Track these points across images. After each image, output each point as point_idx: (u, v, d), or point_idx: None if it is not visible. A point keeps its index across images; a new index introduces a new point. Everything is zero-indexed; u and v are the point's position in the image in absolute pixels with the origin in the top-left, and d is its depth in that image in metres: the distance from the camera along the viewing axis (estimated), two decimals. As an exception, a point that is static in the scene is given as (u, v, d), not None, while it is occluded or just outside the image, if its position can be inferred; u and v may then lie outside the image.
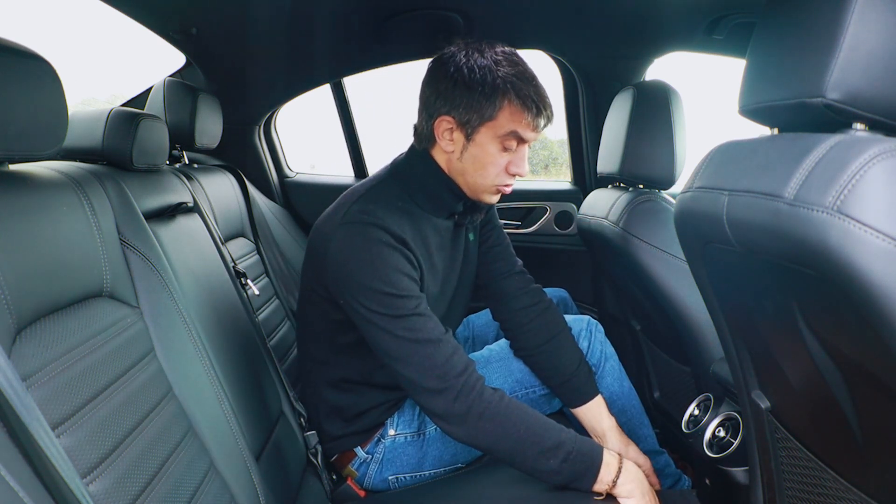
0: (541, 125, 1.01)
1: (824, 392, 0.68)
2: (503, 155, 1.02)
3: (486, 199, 1.08)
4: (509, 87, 0.97)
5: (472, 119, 0.99)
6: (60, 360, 0.64)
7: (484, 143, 1.01)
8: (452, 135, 1.03)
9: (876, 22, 0.57)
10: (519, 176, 1.06)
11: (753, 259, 0.68)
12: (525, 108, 0.98)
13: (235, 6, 1.38)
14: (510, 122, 0.99)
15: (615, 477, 0.91)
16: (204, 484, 0.80)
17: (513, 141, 1.01)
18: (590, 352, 1.13)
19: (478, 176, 1.04)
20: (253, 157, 2.02)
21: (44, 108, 0.68)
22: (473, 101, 0.98)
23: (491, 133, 1.00)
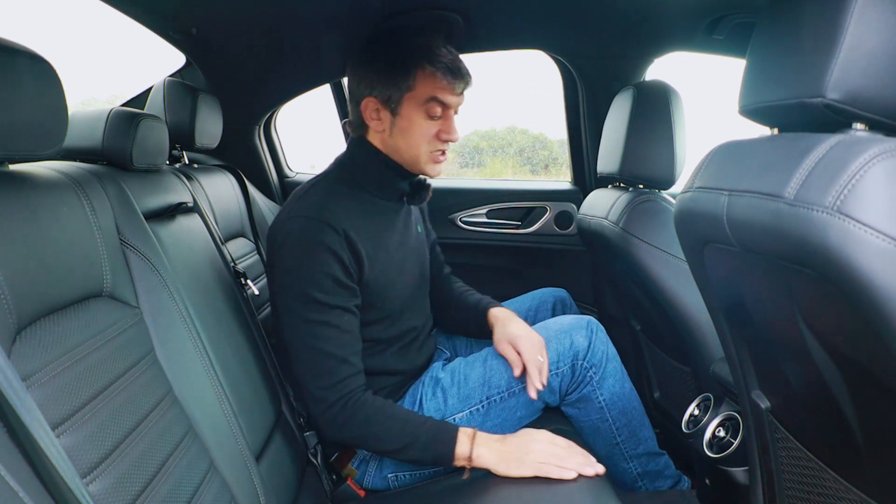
0: (459, 88, 1.08)
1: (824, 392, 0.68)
2: (430, 123, 1.08)
3: (428, 171, 1.13)
4: (422, 56, 1.05)
5: (392, 94, 1.07)
6: (60, 360, 0.64)
7: (409, 115, 1.07)
8: (379, 114, 1.09)
9: (876, 22, 0.57)
10: (451, 141, 1.12)
11: (753, 259, 0.68)
12: (440, 72, 1.05)
13: (235, 6, 1.38)
14: (428, 88, 1.05)
15: (469, 453, 1.00)
16: (204, 484, 0.80)
17: (436, 107, 1.07)
18: (590, 351, 1.13)
19: (411, 148, 1.10)
20: (253, 157, 2.01)
21: (44, 108, 0.68)
22: (390, 76, 1.06)
23: (413, 103, 1.07)
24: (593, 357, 1.13)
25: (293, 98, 1.94)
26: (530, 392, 1.09)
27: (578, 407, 1.17)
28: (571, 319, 1.18)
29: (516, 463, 0.98)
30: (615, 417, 1.17)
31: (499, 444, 1.01)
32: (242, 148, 1.97)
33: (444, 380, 1.16)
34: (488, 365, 1.16)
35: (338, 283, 1.03)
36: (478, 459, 1.00)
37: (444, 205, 1.97)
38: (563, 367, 1.13)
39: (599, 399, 1.15)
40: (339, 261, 1.03)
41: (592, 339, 1.13)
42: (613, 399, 1.16)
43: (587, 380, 1.14)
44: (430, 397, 1.15)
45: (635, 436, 1.21)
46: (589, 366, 1.13)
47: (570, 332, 1.14)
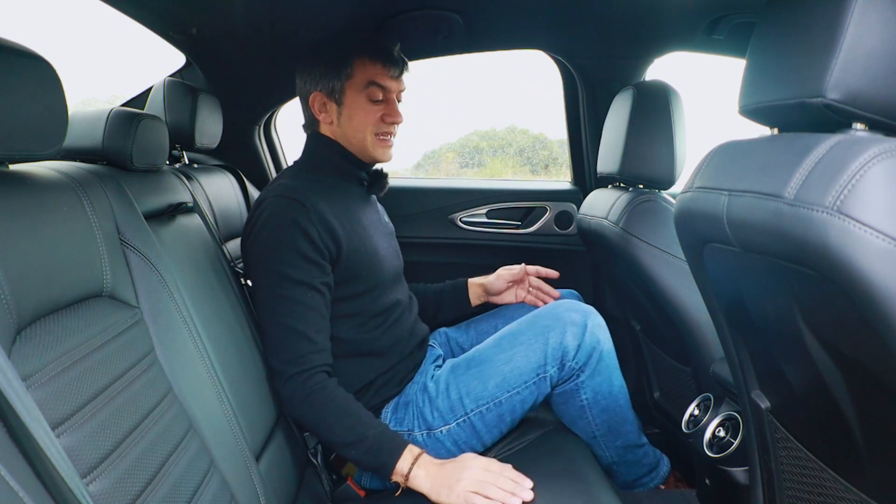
0: (395, 71, 1.16)
1: (824, 392, 0.68)
2: (373, 107, 1.17)
3: (377, 155, 1.21)
4: (356, 44, 1.15)
5: (335, 85, 1.16)
6: (60, 360, 0.64)
7: (352, 102, 1.16)
8: (326, 106, 1.18)
9: (876, 22, 0.57)
10: (396, 123, 1.19)
11: (753, 259, 0.68)
12: (375, 57, 1.14)
13: (235, 6, 1.38)
14: (366, 74, 1.15)
15: (408, 471, 1.01)
16: (204, 484, 0.80)
17: (376, 91, 1.16)
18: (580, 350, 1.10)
19: (358, 132, 1.18)
20: (253, 157, 2.01)
21: (44, 108, 0.68)
22: (330, 68, 1.15)
23: (354, 90, 1.15)
24: (582, 356, 1.11)
25: (293, 98, 1.94)
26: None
27: (561, 399, 1.17)
28: (566, 310, 1.15)
29: (446, 490, 0.98)
30: (595, 415, 1.17)
31: (435, 469, 1.01)
32: (242, 148, 1.97)
33: (431, 389, 1.16)
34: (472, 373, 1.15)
35: (306, 258, 1.07)
36: (413, 480, 1.01)
37: (444, 205, 1.97)
38: (550, 370, 1.11)
39: (582, 397, 1.15)
40: (307, 237, 1.07)
41: (584, 336, 1.11)
42: (596, 398, 1.15)
43: (573, 377, 1.13)
44: (419, 404, 1.16)
45: (614, 430, 1.20)
46: (577, 365, 1.12)
47: (560, 327, 1.12)
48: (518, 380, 1.11)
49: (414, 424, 1.14)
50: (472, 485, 0.96)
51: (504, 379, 1.11)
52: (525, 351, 1.12)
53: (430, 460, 1.03)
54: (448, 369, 1.18)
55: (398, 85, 1.19)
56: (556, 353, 1.11)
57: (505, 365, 1.12)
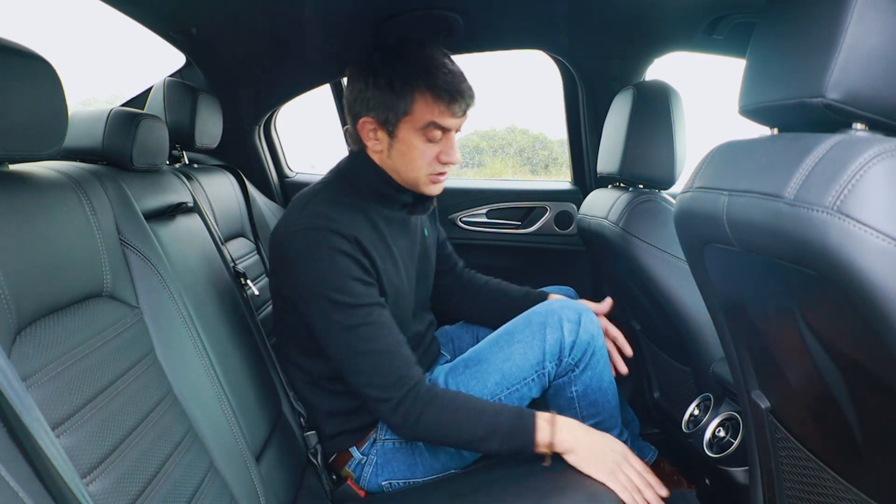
0: (459, 111, 1.03)
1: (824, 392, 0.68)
2: (430, 146, 1.05)
3: (427, 191, 1.11)
4: (418, 79, 1.00)
5: (389, 117, 1.02)
6: (60, 360, 0.64)
7: (407, 139, 1.04)
8: (377, 134, 1.06)
9: (876, 22, 0.57)
10: (451, 164, 1.08)
11: (753, 259, 0.68)
12: (437, 97, 1.00)
13: (235, 6, 1.38)
14: (426, 113, 1.01)
15: (550, 439, 0.97)
16: (204, 484, 0.80)
17: (435, 131, 1.03)
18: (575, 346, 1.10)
19: (409, 171, 1.07)
20: (253, 157, 2.01)
21: (44, 108, 0.68)
22: (386, 98, 1.01)
23: (411, 127, 1.02)
24: (577, 352, 1.11)
25: (293, 98, 1.94)
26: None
27: (552, 391, 1.16)
28: (560, 306, 1.14)
29: (595, 459, 0.96)
30: (583, 407, 1.16)
31: (582, 434, 0.98)
32: (242, 148, 1.97)
33: None
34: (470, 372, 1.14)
35: (361, 282, 1.01)
36: (559, 445, 0.97)
37: (445, 205, 1.97)
38: (549, 366, 1.11)
39: (572, 389, 1.14)
40: (356, 261, 1.01)
41: (579, 331, 1.11)
42: (586, 392, 1.15)
43: (568, 372, 1.13)
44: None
45: (602, 426, 1.19)
46: (573, 361, 1.12)
47: (556, 324, 1.12)
48: (517, 377, 1.11)
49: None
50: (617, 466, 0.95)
51: (503, 376, 1.11)
52: (523, 349, 1.12)
53: (569, 420, 1.00)
54: (446, 370, 1.17)
55: (461, 122, 1.05)
56: (554, 349, 1.11)
57: (504, 363, 1.12)
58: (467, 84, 1.03)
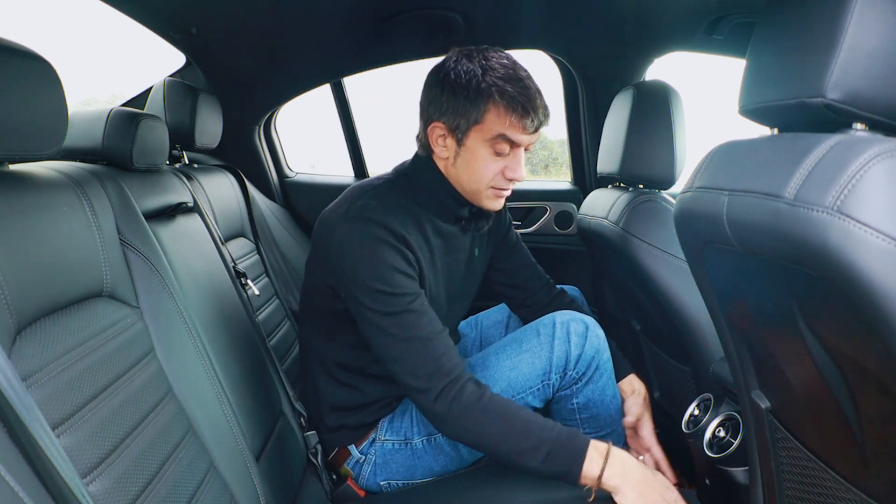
0: (530, 127, 1.00)
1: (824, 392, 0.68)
2: (496, 159, 1.02)
3: (487, 205, 1.09)
4: (493, 90, 0.97)
5: (460, 124, 1.01)
6: (60, 360, 0.64)
7: (475, 148, 1.02)
8: (445, 141, 1.04)
9: (876, 22, 0.57)
10: (516, 181, 1.06)
11: (753, 259, 0.68)
12: (510, 109, 0.98)
13: (235, 6, 1.38)
14: (497, 124, 0.99)
15: (600, 472, 0.90)
16: (204, 484, 0.80)
17: (504, 144, 1.01)
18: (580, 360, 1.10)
19: (473, 181, 1.05)
20: (253, 157, 2.01)
21: (44, 108, 0.68)
22: (460, 105, 0.99)
23: (480, 137, 1.01)
24: (581, 365, 1.12)
25: (293, 98, 1.94)
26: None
27: (553, 400, 1.17)
28: (568, 319, 1.15)
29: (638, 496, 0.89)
30: (583, 420, 1.17)
31: (633, 470, 0.92)
32: (242, 148, 1.97)
33: None
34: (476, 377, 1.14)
35: (404, 274, 1.00)
36: (608, 481, 0.90)
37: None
38: (553, 378, 1.11)
39: (573, 402, 1.15)
40: (401, 254, 1.00)
41: (585, 345, 1.11)
42: (587, 405, 1.15)
43: (572, 385, 1.14)
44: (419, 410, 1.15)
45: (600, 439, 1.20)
46: (577, 374, 1.12)
47: (564, 336, 1.12)
48: (523, 385, 1.11)
49: (413, 432, 1.13)
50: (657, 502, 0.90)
51: (509, 384, 1.11)
52: (531, 358, 1.12)
53: (622, 454, 0.93)
54: None
55: (531, 139, 1.03)
56: (560, 361, 1.11)
57: (510, 371, 1.12)
58: (542, 101, 1.01)
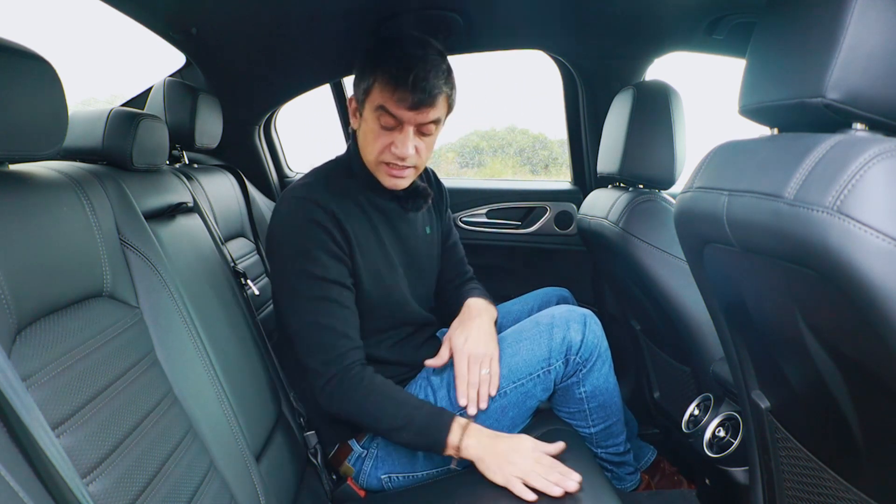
0: (407, 101, 1.00)
1: (824, 392, 0.68)
2: (383, 133, 1.05)
3: (385, 182, 1.11)
4: (378, 61, 1.02)
5: (359, 95, 1.07)
6: (60, 360, 0.64)
7: (368, 119, 1.06)
8: (356, 113, 1.11)
9: (876, 22, 0.57)
10: (400, 158, 1.06)
11: (753, 259, 0.68)
12: (388, 81, 1.00)
13: (235, 6, 1.38)
14: (380, 96, 1.02)
15: (458, 443, 1.00)
16: (204, 484, 0.80)
17: (387, 118, 1.03)
18: (583, 345, 1.12)
19: (366, 154, 1.10)
20: (253, 157, 2.01)
21: (44, 108, 0.68)
22: (359, 77, 1.07)
23: (370, 108, 1.05)
24: (585, 351, 1.12)
25: (293, 98, 1.94)
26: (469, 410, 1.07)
27: (560, 392, 1.17)
28: (565, 311, 1.16)
29: (494, 466, 0.98)
30: (592, 410, 1.18)
31: (488, 441, 1.00)
32: (242, 148, 1.97)
33: (434, 381, 1.16)
34: None
35: (332, 255, 1.05)
36: (465, 451, 1.00)
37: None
38: (555, 363, 1.12)
39: (581, 390, 1.16)
40: (330, 236, 1.05)
41: (586, 332, 1.13)
42: (594, 392, 1.16)
43: (576, 372, 1.14)
44: (422, 398, 1.15)
45: (608, 431, 1.21)
46: (581, 360, 1.13)
47: (563, 324, 1.13)
48: (524, 371, 1.12)
49: None
50: (520, 472, 0.95)
51: (510, 370, 1.12)
52: (530, 345, 1.13)
53: (480, 429, 1.02)
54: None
55: (416, 117, 1.02)
56: (561, 347, 1.12)
57: (511, 358, 1.13)
58: (423, 79, 1.00)
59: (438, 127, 1.09)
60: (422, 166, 1.12)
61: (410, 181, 1.13)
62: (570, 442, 1.12)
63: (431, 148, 1.11)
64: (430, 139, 1.09)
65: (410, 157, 1.06)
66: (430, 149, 1.11)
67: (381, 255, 1.15)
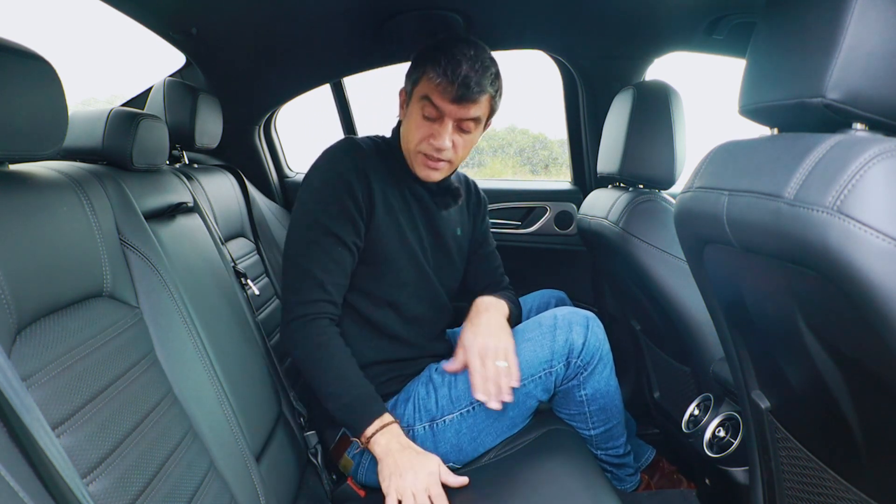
0: (451, 93, 1.05)
1: (824, 392, 0.68)
2: (425, 123, 1.10)
3: (419, 173, 1.15)
4: (429, 55, 1.07)
5: (408, 86, 1.13)
6: (60, 360, 0.64)
7: (412, 110, 1.12)
8: (404, 104, 1.16)
9: (876, 22, 0.57)
10: (436, 149, 1.10)
11: (753, 259, 0.68)
12: (435, 73, 1.05)
13: (235, 6, 1.38)
14: (425, 87, 1.08)
15: (370, 437, 1.03)
16: (204, 484, 0.80)
17: (430, 108, 1.08)
18: (585, 348, 1.12)
19: (406, 141, 1.14)
20: (253, 157, 2.01)
21: (44, 108, 0.68)
22: (412, 69, 1.12)
23: (416, 97, 1.10)
24: (587, 354, 1.12)
25: (293, 98, 1.94)
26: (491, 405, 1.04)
27: (561, 395, 1.17)
28: (568, 313, 1.16)
29: (388, 471, 1.00)
30: (592, 412, 1.18)
31: (396, 447, 1.01)
32: (242, 148, 1.97)
33: (436, 379, 1.16)
34: None
35: (345, 213, 1.09)
36: (372, 446, 1.03)
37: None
38: (557, 366, 1.12)
39: (581, 393, 1.16)
40: (351, 193, 1.09)
41: (588, 335, 1.12)
42: (595, 395, 1.16)
43: (577, 375, 1.14)
44: (423, 396, 1.15)
45: (608, 433, 1.22)
46: (582, 363, 1.13)
47: (566, 326, 1.13)
48: (525, 372, 1.12)
49: (415, 418, 1.14)
50: (403, 489, 0.97)
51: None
52: (532, 346, 1.13)
53: (397, 435, 1.04)
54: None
55: (457, 111, 1.06)
56: (563, 349, 1.12)
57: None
58: (469, 76, 1.04)
59: (478, 126, 1.12)
60: (457, 162, 1.16)
61: (444, 175, 1.17)
62: (571, 442, 1.13)
63: (469, 146, 1.14)
64: (469, 137, 1.12)
65: (447, 149, 1.10)
66: (468, 147, 1.14)
67: (409, 222, 1.18)
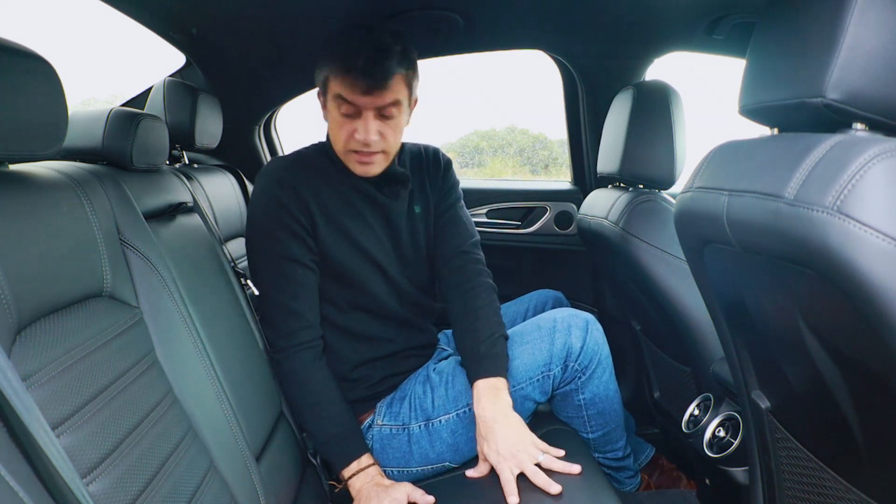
0: (362, 87, 1.00)
1: (824, 392, 0.68)
2: (345, 121, 1.06)
3: (355, 170, 1.12)
4: (328, 52, 1.04)
5: (321, 88, 1.10)
6: (60, 360, 0.64)
7: (330, 108, 1.08)
8: (324, 106, 1.12)
9: (876, 22, 0.57)
10: (364, 144, 1.05)
11: (753, 259, 0.68)
12: (338, 68, 1.02)
13: (235, 6, 1.38)
14: (334, 86, 1.04)
15: (347, 478, 1.07)
16: (204, 484, 0.80)
17: (346, 105, 1.04)
18: (583, 352, 1.11)
19: (334, 143, 1.12)
20: (253, 157, 2.01)
21: (44, 108, 0.68)
22: (318, 70, 1.09)
23: (330, 97, 1.07)
24: (585, 358, 1.12)
25: (293, 98, 1.94)
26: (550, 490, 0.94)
27: (560, 397, 1.17)
28: (568, 315, 1.15)
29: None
30: (591, 416, 1.18)
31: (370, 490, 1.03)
32: (242, 148, 1.97)
33: (434, 379, 1.16)
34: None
35: (291, 233, 1.09)
36: (349, 486, 1.07)
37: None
38: (554, 369, 1.12)
39: (580, 397, 1.15)
40: (289, 213, 1.09)
41: (587, 339, 1.12)
42: (594, 400, 1.15)
43: (575, 379, 1.14)
44: (420, 394, 1.15)
45: (607, 437, 1.22)
46: (580, 367, 1.12)
47: (565, 329, 1.12)
48: (523, 375, 1.12)
49: (410, 417, 1.14)
50: None
51: (510, 374, 1.12)
52: (531, 349, 1.13)
53: (373, 478, 1.05)
54: (454, 362, 1.18)
55: (372, 101, 1.02)
56: (562, 353, 1.11)
57: (512, 361, 1.13)
58: (373, 64, 1.00)
59: (401, 108, 1.06)
60: (392, 150, 1.10)
61: (383, 166, 1.11)
62: (570, 442, 1.12)
63: (399, 130, 1.09)
64: (395, 122, 1.06)
65: (375, 142, 1.05)
66: (398, 132, 1.09)
67: (356, 222, 1.14)
